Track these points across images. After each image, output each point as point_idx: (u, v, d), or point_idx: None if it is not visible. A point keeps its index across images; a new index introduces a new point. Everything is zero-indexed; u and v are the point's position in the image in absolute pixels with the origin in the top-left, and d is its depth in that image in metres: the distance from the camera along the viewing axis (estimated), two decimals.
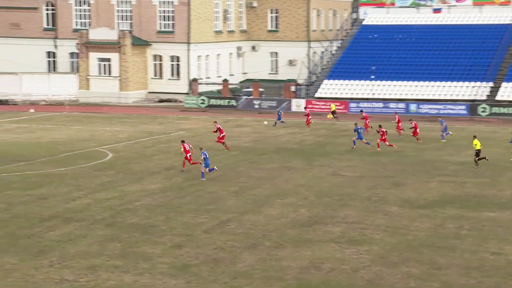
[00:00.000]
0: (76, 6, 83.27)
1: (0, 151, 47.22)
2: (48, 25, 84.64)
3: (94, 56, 79.34)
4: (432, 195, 35.25)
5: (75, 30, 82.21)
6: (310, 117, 59.56)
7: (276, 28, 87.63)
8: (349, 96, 73.26)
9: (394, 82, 73.83)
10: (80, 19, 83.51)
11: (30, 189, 35.76)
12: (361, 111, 59.43)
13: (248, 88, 79.24)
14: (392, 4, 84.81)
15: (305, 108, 65.28)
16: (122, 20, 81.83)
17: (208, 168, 38.95)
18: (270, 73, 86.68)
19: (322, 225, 29.69)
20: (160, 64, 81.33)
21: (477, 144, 42.31)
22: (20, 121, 63.52)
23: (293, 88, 75.81)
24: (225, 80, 79.21)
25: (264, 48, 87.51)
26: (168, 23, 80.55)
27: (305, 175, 39.96)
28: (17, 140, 52.47)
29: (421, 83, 72.96)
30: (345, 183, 37.92)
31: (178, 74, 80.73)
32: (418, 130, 51.51)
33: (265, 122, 60.55)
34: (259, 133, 56.94)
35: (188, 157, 40.70)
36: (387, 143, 47.92)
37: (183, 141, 41.81)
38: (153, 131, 57.46)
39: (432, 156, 45.97)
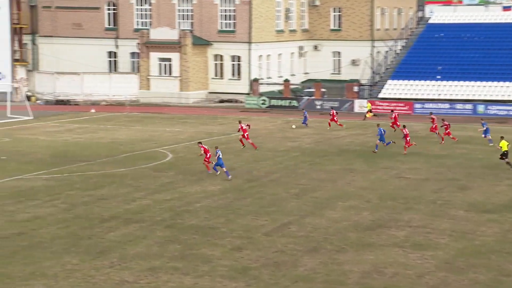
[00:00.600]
0: (137, 5, 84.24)
1: (61, 151, 48.07)
2: (109, 25, 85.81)
3: (154, 56, 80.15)
4: (500, 199, 34.67)
5: (136, 30, 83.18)
6: (336, 117, 59.30)
7: (339, 27, 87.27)
8: (413, 97, 72.53)
9: (461, 83, 72.84)
10: (141, 18, 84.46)
11: (91, 190, 36.31)
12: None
13: (309, 88, 79.07)
14: (460, 2, 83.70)
15: (331, 108, 64.63)
16: (183, 19, 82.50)
17: (225, 169, 39.18)
18: (332, 73, 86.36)
19: (385, 228, 29.46)
20: (221, 64, 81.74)
21: (503, 145, 41.83)
22: (81, 121, 64.55)
23: (356, 89, 75.39)
24: (287, 80, 79.19)
25: (327, 48, 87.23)
26: (229, 23, 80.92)
27: (367, 178, 39.70)
28: (79, 140, 53.33)
29: (490, 83, 71.82)
30: (409, 186, 37.55)
31: (239, 74, 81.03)
32: (447, 130, 51.10)
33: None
34: (321, 134, 56.76)
35: (208, 157, 40.55)
36: (409, 144, 47.15)
37: (200, 142, 42.04)
38: (213, 131, 57.78)
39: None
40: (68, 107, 75.87)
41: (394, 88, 74.17)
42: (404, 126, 49.27)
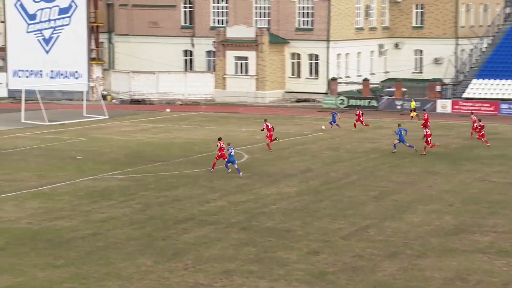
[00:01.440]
0: (213, 3, 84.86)
1: (136, 151, 48.79)
2: (185, 23, 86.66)
3: (231, 55, 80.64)
4: None
5: (212, 28, 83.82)
6: (362, 117, 58.37)
7: (421, 24, 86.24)
8: (500, 96, 71.14)
9: None
10: (218, 16, 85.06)
11: (165, 190, 36.75)
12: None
13: (390, 88, 78.35)
14: None
15: (357, 108, 63.67)
16: (260, 17, 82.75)
17: (236, 166, 40.06)
18: (413, 72, 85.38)
19: (468, 234, 28.99)
20: (298, 63, 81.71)
21: None
22: (156, 121, 65.38)
23: (438, 88, 74.35)
24: (366, 80, 78.65)
25: (408, 46, 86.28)
26: (307, 20, 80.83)
27: (450, 181, 39.13)
28: (153, 140, 54.03)
29: None
30: (494, 190, 36.86)
31: (316, 73, 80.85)
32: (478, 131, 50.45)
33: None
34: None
35: (221, 155, 41.12)
36: (430, 145, 46.81)
37: (220, 139, 42.29)
38: (290, 132, 57.79)
39: None
40: (143, 107, 76.95)
41: (479, 88, 72.91)
42: (425, 127, 48.48)
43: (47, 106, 68.12)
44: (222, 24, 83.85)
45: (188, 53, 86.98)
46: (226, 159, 40.99)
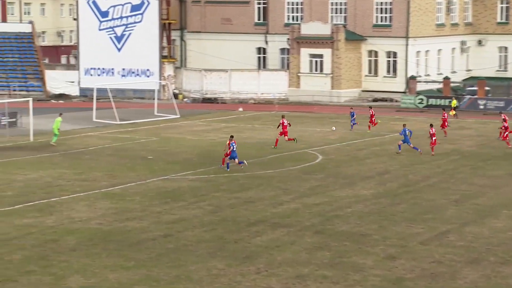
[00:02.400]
0: None
1: (208, 151, 49.16)
2: (259, 20, 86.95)
3: (305, 52, 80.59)
4: None
5: (287, 25, 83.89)
6: (374, 117, 57.47)
7: (506, 20, 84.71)
8: None
9: None
10: (292, 13, 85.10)
11: (237, 192, 36.94)
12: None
13: (472, 86, 77.20)
14: None
15: (369, 107, 62.44)
16: (336, 13, 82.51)
17: (237, 160, 41.57)
18: (497, 70, 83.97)
19: None
20: (375, 61, 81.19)
21: None
22: (229, 121, 65.74)
23: None
24: (447, 78, 77.64)
25: (492, 43, 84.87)
26: (385, 16, 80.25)
27: None
28: (225, 140, 54.23)
29: None
30: None
31: (394, 71, 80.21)
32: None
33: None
34: (484, 136, 55.35)
35: (229, 153, 42.09)
36: (433, 144, 47.13)
37: (232, 137, 42.87)
38: (366, 132, 57.46)
39: None
40: (215, 106, 77.48)
41: None
42: (431, 125, 48.34)
43: (118, 105, 69.18)
44: (297, 21, 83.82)
45: (261, 50, 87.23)
46: (228, 156, 42.02)
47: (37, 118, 58.04)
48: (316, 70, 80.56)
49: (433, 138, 47.28)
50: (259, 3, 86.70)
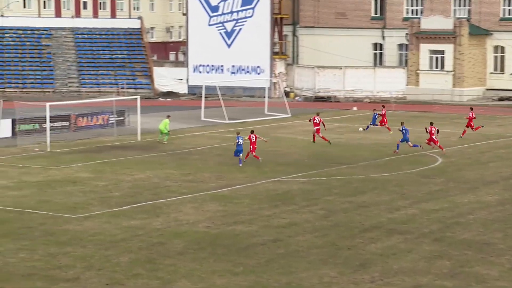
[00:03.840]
0: None
1: (320, 152, 49.14)
2: (376, 14, 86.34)
3: (425, 48, 79.58)
4: None
5: (405, 19, 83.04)
6: (385, 117, 56.52)
7: None
8: None
9: None
10: (412, 6, 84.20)
11: (351, 196, 36.80)
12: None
13: None
14: None
15: (382, 106, 60.06)
16: (459, 6, 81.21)
17: (240, 156, 43.92)
18: None
19: None
20: (502, 57, 79.56)
21: None
22: (342, 120, 65.54)
23: None
24: None
25: None
26: None
27: None
28: (339, 140, 54.20)
29: None
30: None
31: None
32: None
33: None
34: None
35: (251, 148, 44.50)
36: (430, 141, 48.05)
37: (252, 131, 45.16)
38: (491, 134, 56.34)
39: None
40: (328, 104, 77.37)
41: None
42: (431, 124, 49.28)
43: (227, 103, 69.91)
44: (416, 15, 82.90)
45: (377, 46, 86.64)
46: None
47: (145, 116, 59.25)
48: (436, 67, 79.46)
49: (433, 137, 48.29)
50: None
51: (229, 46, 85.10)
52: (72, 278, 24.80)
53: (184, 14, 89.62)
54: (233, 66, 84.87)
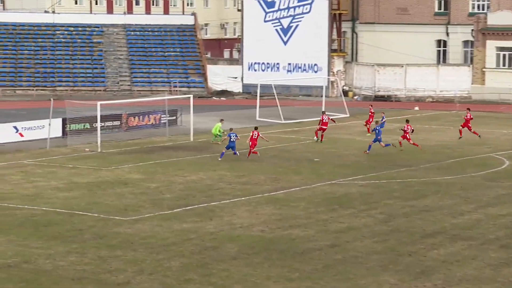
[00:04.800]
0: None
1: (380, 154, 48.88)
2: (440, 9, 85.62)
3: (492, 45, 78.83)
4: None
5: (471, 14, 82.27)
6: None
7: None
8: None
9: None
10: (478, 1, 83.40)
11: (412, 199, 36.56)
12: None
13: None
14: None
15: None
16: None
17: (234, 151, 46.55)
18: None
19: None
20: None
21: None
22: (402, 120, 64.89)
23: None
24: None
25: None
26: None
27: None
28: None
29: None
30: None
31: None
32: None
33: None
34: None
35: (250, 144, 46.71)
36: (411, 141, 49.12)
37: (256, 128, 47.92)
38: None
39: None
40: (388, 104, 76.98)
41: None
42: (407, 121, 50.51)
43: (283, 103, 69.95)
44: (483, 10, 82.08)
45: (441, 43, 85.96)
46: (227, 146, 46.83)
47: (198, 116, 59.56)
48: (504, 65, 78.66)
49: (407, 135, 49.37)
50: None
51: (285, 43, 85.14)
52: (123, 282, 25.01)
53: (239, 10, 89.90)
54: (289, 64, 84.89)
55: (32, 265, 26.47)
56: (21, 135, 53.62)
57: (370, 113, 58.15)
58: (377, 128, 49.49)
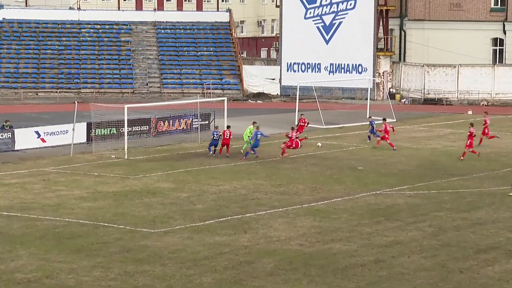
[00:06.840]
0: None
1: (429, 162, 48.73)
2: (496, 5, 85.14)
3: None
4: None
5: None
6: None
7: None
8: None
9: None
10: None
11: (464, 211, 36.39)
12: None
13: None
14: None
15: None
16: None
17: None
18: None
19: None
20: None
21: None
22: (455, 126, 64.86)
23: None
24: None
25: None
26: None
27: None
28: (451, 149, 53.65)
29: None
30: None
31: None
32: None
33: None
34: None
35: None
36: (388, 141, 52.63)
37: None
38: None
39: None
40: (439, 108, 76.71)
41: None
42: (384, 119, 54.93)
43: (324, 106, 69.95)
44: None
45: (497, 41, 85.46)
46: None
47: (232, 120, 59.58)
48: None
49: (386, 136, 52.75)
50: None
51: (327, 42, 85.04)
52: None
53: (277, 6, 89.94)
54: (331, 65, 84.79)
55: (54, 280, 26.66)
56: (43, 141, 54.06)
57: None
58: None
